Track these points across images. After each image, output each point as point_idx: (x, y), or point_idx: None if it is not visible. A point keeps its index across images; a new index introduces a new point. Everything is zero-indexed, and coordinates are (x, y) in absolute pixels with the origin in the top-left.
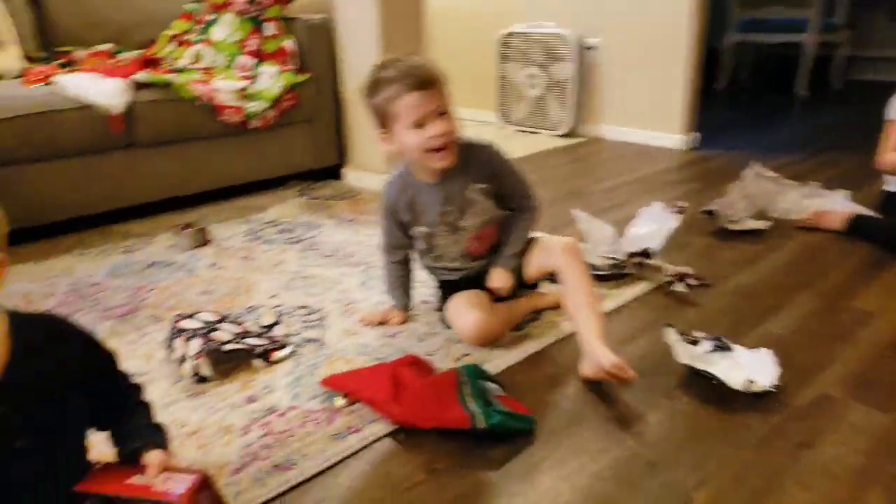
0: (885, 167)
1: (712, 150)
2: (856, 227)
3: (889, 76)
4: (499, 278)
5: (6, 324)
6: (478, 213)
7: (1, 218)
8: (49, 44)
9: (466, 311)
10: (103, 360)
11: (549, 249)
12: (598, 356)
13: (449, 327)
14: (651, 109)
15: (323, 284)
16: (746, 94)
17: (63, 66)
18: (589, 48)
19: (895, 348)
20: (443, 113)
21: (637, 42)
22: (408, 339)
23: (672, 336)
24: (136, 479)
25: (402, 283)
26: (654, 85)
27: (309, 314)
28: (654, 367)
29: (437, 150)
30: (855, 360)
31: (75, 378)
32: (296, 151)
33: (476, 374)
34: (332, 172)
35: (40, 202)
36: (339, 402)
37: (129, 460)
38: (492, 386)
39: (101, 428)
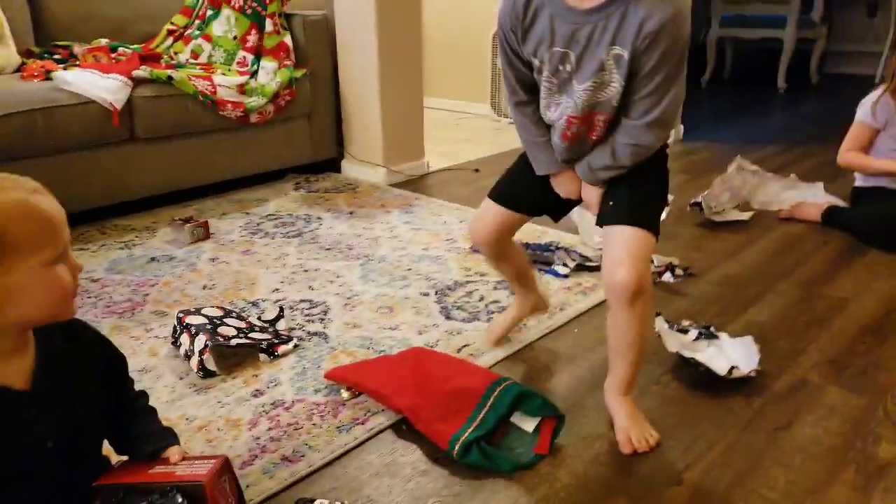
0: (843, 163)
1: (697, 142)
2: (830, 219)
3: (863, 69)
4: (569, 183)
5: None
6: (595, 85)
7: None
8: (45, 38)
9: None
10: (117, 363)
11: (611, 262)
12: (616, 423)
13: None
14: None
15: (324, 278)
16: (729, 87)
17: (61, 61)
18: None
19: (868, 333)
20: None
21: None
22: (408, 331)
23: (662, 325)
24: (158, 469)
25: (541, 136)
26: None
27: (311, 308)
28: (645, 356)
29: None
30: (831, 346)
31: (93, 381)
32: (294, 145)
33: (513, 401)
34: (330, 165)
35: None
36: (345, 394)
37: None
38: (524, 420)
39: (110, 433)
